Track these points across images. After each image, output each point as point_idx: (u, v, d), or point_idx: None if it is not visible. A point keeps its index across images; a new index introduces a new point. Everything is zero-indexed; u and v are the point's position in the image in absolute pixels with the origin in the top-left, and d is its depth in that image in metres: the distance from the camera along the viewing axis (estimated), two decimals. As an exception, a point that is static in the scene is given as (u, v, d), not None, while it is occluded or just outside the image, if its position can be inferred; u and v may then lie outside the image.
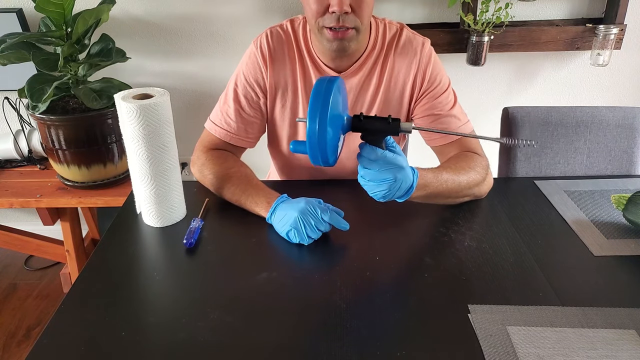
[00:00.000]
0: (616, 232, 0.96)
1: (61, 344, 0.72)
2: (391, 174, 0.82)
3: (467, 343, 0.70)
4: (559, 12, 1.80)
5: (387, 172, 0.81)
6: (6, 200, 1.64)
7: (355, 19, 0.97)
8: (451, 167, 1.00)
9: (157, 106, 0.90)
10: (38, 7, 1.40)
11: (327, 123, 0.74)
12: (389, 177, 0.81)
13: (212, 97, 1.95)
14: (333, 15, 0.96)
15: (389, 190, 0.83)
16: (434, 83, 1.10)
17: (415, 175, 0.88)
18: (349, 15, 0.96)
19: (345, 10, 0.94)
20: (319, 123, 0.74)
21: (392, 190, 0.83)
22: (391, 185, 0.82)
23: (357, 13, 0.97)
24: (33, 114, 1.54)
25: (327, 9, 0.96)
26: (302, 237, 0.90)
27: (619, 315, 0.75)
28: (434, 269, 0.86)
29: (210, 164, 1.09)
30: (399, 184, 0.83)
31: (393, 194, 0.84)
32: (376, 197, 0.85)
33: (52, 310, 1.93)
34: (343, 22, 0.96)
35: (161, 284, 0.84)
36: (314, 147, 0.76)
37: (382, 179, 0.82)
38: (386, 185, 0.82)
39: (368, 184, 0.83)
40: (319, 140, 0.75)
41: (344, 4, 0.94)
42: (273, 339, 0.72)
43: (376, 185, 0.82)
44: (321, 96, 0.75)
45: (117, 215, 1.04)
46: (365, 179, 0.83)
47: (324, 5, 0.96)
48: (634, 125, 1.33)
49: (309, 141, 0.76)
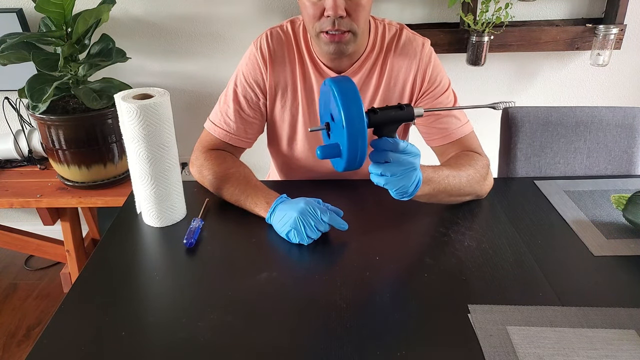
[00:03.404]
0: (616, 232, 0.96)
1: (61, 344, 0.72)
2: (412, 163, 0.80)
3: (467, 343, 0.70)
4: (559, 12, 1.80)
5: (408, 162, 0.80)
6: (6, 200, 1.64)
7: (351, 23, 0.98)
8: (451, 164, 1.00)
9: (157, 106, 0.90)
10: (38, 7, 1.40)
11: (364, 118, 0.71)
12: (409, 167, 0.80)
13: (212, 97, 1.95)
14: (329, 19, 0.97)
15: (411, 181, 0.81)
16: (434, 84, 1.10)
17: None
18: (345, 19, 0.96)
19: (340, 14, 0.95)
20: (358, 118, 0.70)
21: (413, 181, 0.82)
22: (411, 175, 0.81)
23: (352, 17, 0.97)
24: (33, 114, 1.54)
25: (323, 13, 0.97)
26: (302, 237, 0.90)
27: (619, 315, 0.75)
28: (434, 269, 0.86)
29: (209, 164, 1.09)
30: (417, 174, 0.82)
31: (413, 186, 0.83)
32: (400, 194, 0.83)
33: (52, 310, 1.93)
34: (339, 25, 0.97)
35: (161, 284, 0.84)
36: (355, 147, 0.72)
37: (404, 170, 0.80)
38: (408, 175, 0.80)
39: (391, 180, 0.81)
40: (362, 138, 0.71)
41: (338, 8, 0.94)
42: (273, 339, 0.72)
43: (399, 179, 0.80)
44: (350, 92, 0.71)
45: (117, 215, 1.05)
46: (387, 175, 0.80)
47: (319, 10, 0.97)
48: (634, 125, 1.33)
49: (350, 143, 0.71)
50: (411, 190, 0.84)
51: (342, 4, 0.95)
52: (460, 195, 1.01)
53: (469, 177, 1.00)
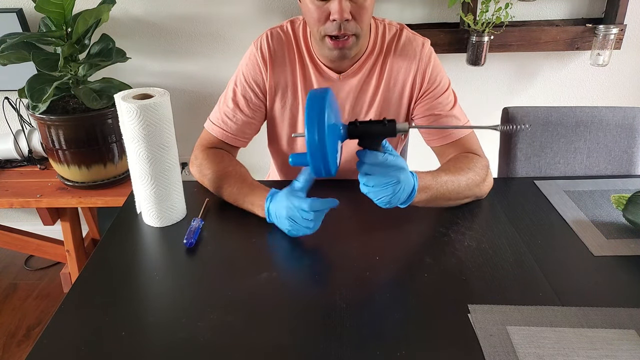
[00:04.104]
0: (616, 232, 0.96)
1: (61, 344, 0.72)
2: (394, 177, 0.82)
3: (467, 343, 0.70)
4: (559, 12, 1.80)
5: (390, 175, 0.81)
6: (6, 200, 1.64)
7: (356, 26, 0.98)
8: (450, 169, 1.00)
9: (157, 106, 0.90)
10: (38, 7, 1.40)
11: (325, 134, 0.74)
12: (392, 180, 0.81)
13: (212, 97, 1.95)
14: (334, 23, 0.96)
15: (393, 193, 0.83)
16: (434, 84, 1.10)
17: (415, 178, 0.88)
18: (350, 22, 0.96)
19: (346, 17, 0.95)
20: (318, 134, 0.74)
21: (397, 193, 0.83)
22: (395, 187, 0.82)
23: (357, 19, 0.97)
24: (33, 114, 1.54)
25: (328, 17, 0.97)
26: (303, 231, 0.90)
27: (619, 315, 0.75)
28: (434, 269, 0.86)
29: (208, 163, 1.09)
30: (402, 186, 0.83)
31: (397, 198, 0.84)
32: (381, 204, 0.85)
33: (52, 310, 1.93)
34: (344, 29, 0.97)
35: (161, 284, 0.84)
36: (317, 159, 0.76)
37: (386, 183, 0.81)
38: (390, 188, 0.82)
39: (372, 190, 0.83)
40: (320, 152, 0.75)
41: (344, 11, 0.94)
42: (273, 339, 0.72)
43: (381, 189, 0.82)
44: (316, 107, 0.75)
45: (117, 215, 1.05)
46: (369, 185, 0.82)
47: (325, 14, 0.97)
48: (634, 125, 1.33)
49: (311, 153, 0.75)
50: (395, 202, 0.85)
51: (348, 7, 0.94)
52: (459, 199, 1.02)
53: (468, 180, 1.00)
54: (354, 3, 0.95)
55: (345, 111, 1.14)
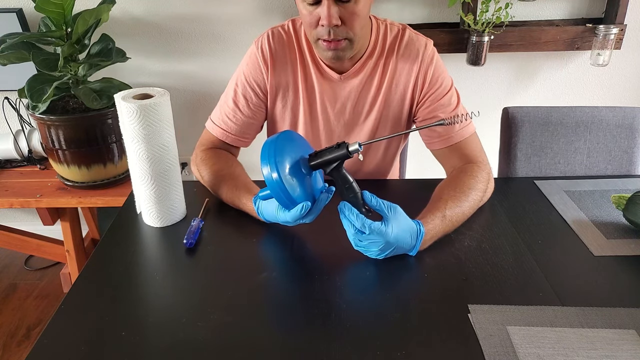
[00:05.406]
0: (616, 232, 0.96)
1: (61, 344, 0.72)
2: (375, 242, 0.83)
3: (467, 343, 0.70)
4: (559, 12, 1.80)
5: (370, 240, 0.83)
6: (6, 200, 1.64)
7: (347, 31, 0.97)
8: (451, 197, 0.96)
9: (157, 106, 0.90)
10: (38, 7, 1.40)
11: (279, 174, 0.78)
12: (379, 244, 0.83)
13: (212, 97, 1.95)
14: (324, 28, 0.96)
15: (383, 253, 0.84)
16: (436, 84, 1.10)
17: (421, 234, 0.86)
18: (340, 27, 0.96)
19: (335, 23, 0.95)
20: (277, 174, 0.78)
21: (387, 251, 0.84)
22: (383, 248, 0.83)
23: (348, 25, 0.97)
24: (33, 114, 1.54)
25: (319, 22, 0.97)
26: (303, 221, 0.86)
27: (619, 315, 0.75)
28: (434, 269, 0.86)
29: (206, 163, 1.09)
30: (392, 247, 0.84)
31: (394, 252, 0.85)
32: (373, 257, 0.86)
33: (52, 310, 1.93)
34: (334, 34, 0.97)
35: (161, 284, 0.84)
36: (280, 197, 0.80)
37: (370, 243, 0.83)
38: (383, 249, 0.84)
39: (360, 245, 0.84)
40: (282, 190, 0.79)
41: (332, 17, 0.94)
42: (273, 339, 0.72)
43: (366, 249, 0.85)
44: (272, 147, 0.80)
45: (117, 215, 1.05)
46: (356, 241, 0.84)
47: (315, 18, 0.97)
48: (634, 125, 1.32)
49: (273, 192, 0.80)
50: (382, 257, 0.86)
51: (337, 13, 0.94)
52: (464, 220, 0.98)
53: (472, 202, 0.97)
54: (343, 9, 0.94)
55: (347, 112, 1.14)
